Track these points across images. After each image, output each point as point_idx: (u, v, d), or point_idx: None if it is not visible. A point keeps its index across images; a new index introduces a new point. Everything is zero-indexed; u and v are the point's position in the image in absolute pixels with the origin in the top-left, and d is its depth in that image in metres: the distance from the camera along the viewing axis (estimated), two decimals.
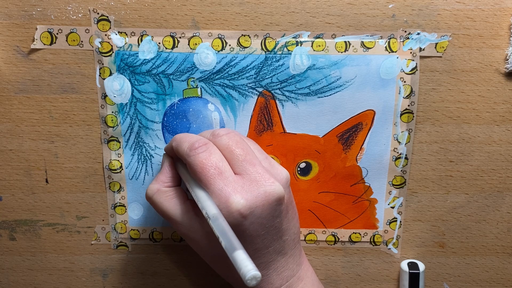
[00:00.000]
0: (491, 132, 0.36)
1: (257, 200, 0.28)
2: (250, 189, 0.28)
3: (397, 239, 0.39)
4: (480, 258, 0.39)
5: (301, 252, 0.34)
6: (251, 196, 0.28)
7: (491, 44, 0.35)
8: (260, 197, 0.28)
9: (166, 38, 0.34)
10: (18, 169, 0.37)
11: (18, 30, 0.34)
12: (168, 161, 0.33)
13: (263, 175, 0.29)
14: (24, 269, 0.39)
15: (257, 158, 0.30)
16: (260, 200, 0.28)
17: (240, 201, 0.27)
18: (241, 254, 0.25)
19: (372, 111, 0.36)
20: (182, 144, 0.30)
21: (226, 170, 0.29)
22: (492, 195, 0.38)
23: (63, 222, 0.38)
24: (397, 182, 0.37)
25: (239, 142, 0.30)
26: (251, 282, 0.23)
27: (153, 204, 0.32)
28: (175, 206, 0.31)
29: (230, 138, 0.30)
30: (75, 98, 0.36)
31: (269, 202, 0.28)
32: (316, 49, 0.35)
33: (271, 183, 0.29)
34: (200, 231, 0.30)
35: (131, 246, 0.39)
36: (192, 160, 0.29)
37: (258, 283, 0.24)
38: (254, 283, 0.24)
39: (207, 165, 0.28)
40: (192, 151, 0.29)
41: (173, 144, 0.31)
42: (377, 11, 0.34)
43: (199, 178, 0.29)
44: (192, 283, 0.40)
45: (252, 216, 0.28)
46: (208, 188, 0.28)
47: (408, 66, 0.35)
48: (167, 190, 0.31)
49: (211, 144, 0.30)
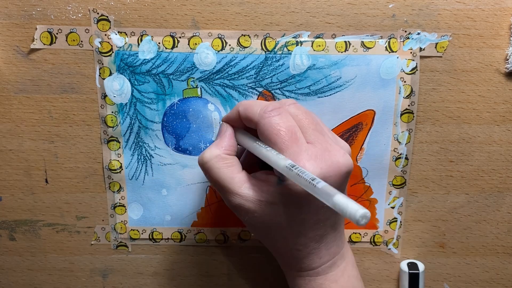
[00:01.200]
0: (492, 132, 0.36)
1: (330, 170, 0.27)
2: (324, 158, 0.27)
3: (397, 239, 0.39)
4: (480, 258, 0.39)
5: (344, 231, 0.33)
6: (325, 165, 0.27)
7: (491, 44, 0.35)
8: (333, 167, 0.27)
9: (166, 38, 0.34)
10: (18, 169, 0.37)
11: (17, 30, 0.34)
12: (229, 129, 0.31)
13: (333, 146, 0.29)
14: (24, 269, 0.39)
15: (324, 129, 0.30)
16: (333, 170, 0.27)
17: (315, 169, 0.27)
18: (341, 197, 0.23)
19: (372, 111, 0.36)
20: (253, 107, 0.29)
21: (301, 137, 0.28)
22: (492, 195, 0.38)
23: (63, 222, 0.38)
24: (397, 182, 0.37)
25: (307, 112, 0.30)
26: (362, 220, 0.22)
27: (208, 170, 0.30)
28: (233, 174, 0.29)
29: (298, 107, 0.30)
30: (75, 98, 0.36)
31: (341, 173, 0.28)
32: (316, 49, 0.35)
33: (343, 154, 0.28)
34: (258, 200, 0.29)
35: (131, 246, 0.39)
36: (267, 122, 0.28)
37: (367, 222, 0.23)
38: (364, 222, 0.22)
39: (282, 128, 0.28)
40: (266, 113, 0.28)
41: (240, 108, 0.30)
42: (377, 11, 0.34)
43: (274, 141, 0.28)
44: (192, 283, 0.40)
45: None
46: (283, 152, 0.27)
47: (408, 66, 0.35)
48: (226, 157, 0.30)
49: (284, 109, 0.29)
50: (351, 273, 0.32)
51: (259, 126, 0.29)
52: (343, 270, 0.32)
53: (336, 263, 0.31)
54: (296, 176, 0.26)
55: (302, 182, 0.25)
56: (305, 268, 0.31)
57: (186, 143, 0.36)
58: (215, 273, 0.40)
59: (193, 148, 0.36)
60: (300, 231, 0.29)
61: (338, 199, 0.23)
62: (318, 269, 0.31)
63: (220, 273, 0.40)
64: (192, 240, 0.39)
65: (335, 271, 0.31)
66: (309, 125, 0.29)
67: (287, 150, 0.27)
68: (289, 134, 0.28)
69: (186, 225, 0.38)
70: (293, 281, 0.32)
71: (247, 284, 0.40)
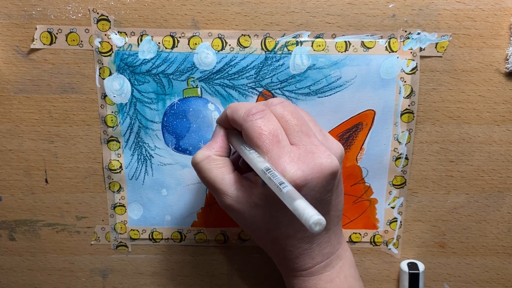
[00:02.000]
0: (492, 132, 0.36)
1: (312, 172, 0.27)
2: (306, 160, 0.27)
3: (398, 239, 0.39)
4: (480, 258, 0.39)
5: (342, 230, 0.33)
6: (307, 167, 0.27)
7: (492, 44, 0.35)
8: (316, 169, 0.27)
9: (166, 38, 0.34)
10: (18, 169, 0.37)
11: (17, 30, 0.34)
12: (221, 131, 0.32)
13: (319, 147, 0.28)
14: (23, 269, 0.39)
15: (312, 129, 0.30)
16: (315, 172, 0.27)
17: (296, 172, 0.26)
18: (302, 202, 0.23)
19: (372, 111, 0.36)
20: (238, 110, 0.29)
21: (283, 139, 0.28)
22: (492, 195, 0.38)
23: (63, 222, 0.38)
24: (398, 182, 0.37)
25: (294, 112, 0.29)
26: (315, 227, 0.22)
27: (200, 171, 0.30)
28: (223, 175, 0.30)
29: (284, 107, 0.29)
30: (74, 98, 0.36)
31: (324, 175, 0.28)
32: (316, 49, 0.35)
33: (327, 156, 0.28)
34: (246, 202, 0.29)
35: (130, 246, 0.39)
36: (250, 126, 0.28)
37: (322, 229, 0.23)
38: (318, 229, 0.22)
39: (264, 132, 0.28)
40: (249, 117, 0.28)
41: (227, 111, 0.30)
42: (377, 11, 0.34)
43: (256, 144, 0.28)
44: (192, 283, 0.40)
45: (306, 188, 0.27)
46: (265, 154, 0.27)
47: (409, 66, 0.35)
48: (217, 158, 0.30)
49: (268, 111, 0.29)
50: (348, 273, 0.32)
51: (243, 129, 0.29)
52: (339, 270, 0.32)
53: (331, 263, 0.31)
54: (268, 180, 0.26)
55: (272, 185, 0.25)
56: (298, 268, 0.31)
57: (186, 143, 0.36)
58: (215, 273, 0.40)
59: (193, 148, 0.36)
60: (288, 232, 0.29)
61: (297, 204, 0.23)
62: (312, 269, 0.31)
63: (220, 273, 0.40)
64: (192, 240, 0.39)
65: (330, 271, 0.31)
66: (294, 126, 0.29)
67: (268, 153, 0.27)
68: (271, 137, 0.28)
69: (186, 225, 0.38)
70: (288, 281, 0.32)
71: (247, 284, 0.40)
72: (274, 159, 0.27)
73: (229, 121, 0.30)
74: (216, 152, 0.31)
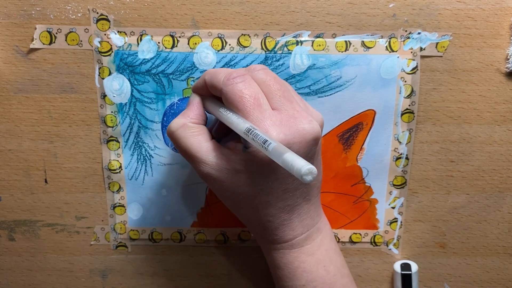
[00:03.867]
0: (492, 132, 0.36)
1: (294, 137, 0.27)
2: (288, 124, 0.27)
3: (398, 240, 0.39)
4: (481, 258, 0.39)
5: (320, 203, 0.33)
6: (289, 131, 0.27)
7: (492, 44, 0.35)
8: (298, 134, 0.27)
9: (165, 37, 0.34)
10: (17, 169, 0.37)
11: (17, 30, 0.34)
12: (196, 99, 0.31)
13: (300, 113, 0.28)
14: (23, 270, 0.39)
15: (293, 96, 0.30)
16: (298, 136, 0.27)
17: (279, 135, 0.26)
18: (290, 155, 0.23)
19: (372, 111, 0.36)
20: (217, 75, 0.29)
21: (264, 103, 0.28)
22: (493, 195, 0.38)
23: (63, 223, 0.38)
24: (398, 182, 0.37)
25: (276, 78, 0.29)
26: (307, 177, 0.22)
27: (176, 139, 0.30)
28: (200, 143, 0.29)
29: (267, 73, 0.29)
30: (74, 98, 0.36)
31: (307, 140, 0.27)
32: (316, 49, 0.34)
33: (309, 121, 0.28)
34: (226, 169, 0.29)
35: (130, 247, 0.39)
36: (230, 89, 0.27)
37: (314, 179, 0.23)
38: (310, 178, 0.22)
39: (245, 95, 0.27)
40: (229, 80, 0.28)
41: (205, 77, 0.30)
42: (377, 10, 0.34)
43: (237, 107, 0.27)
44: (192, 283, 0.40)
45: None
46: (246, 117, 0.27)
47: (409, 66, 0.35)
48: (193, 126, 0.30)
49: (249, 76, 0.28)
50: (328, 246, 0.32)
51: (223, 93, 0.28)
52: (319, 243, 0.31)
53: (311, 236, 0.31)
54: (252, 140, 0.25)
55: (257, 145, 0.25)
56: (278, 240, 0.30)
57: None
58: (215, 273, 0.40)
59: None
60: (269, 200, 0.29)
61: (286, 157, 0.23)
62: (292, 241, 0.30)
63: (220, 273, 0.40)
64: (192, 240, 0.39)
65: (311, 244, 0.31)
66: (276, 91, 0.28)
67: (250, 116, 0.27)
68: (252, 99, 0.27)
69: (186, 225, 0.38)
70: (269, 255, 0.32)
71: (247, 284, 0.40)
72: (256, 122, 0.27)
73: (207, 87, 0.30)
74: (191, 120, 0.30)
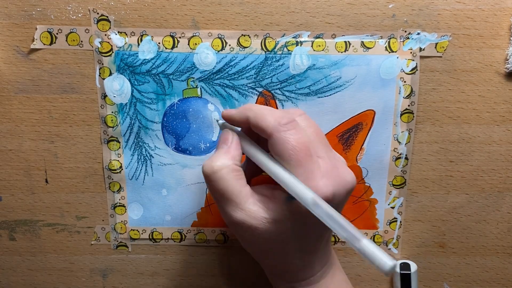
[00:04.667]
0: (491, 132, 0.36)
1: (339, 187, 0.27)
2: (333, 175, 0.27)
3: (397, 239, 0.39)
4: (480, 258, 0.39)
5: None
6: (335, 182, 0.27)
7: (491, 44, 0.35)
8: (341, 184, 0.27)
9: (166, 38, 0.34)
10: (18, 169, 0.37)
11: (18, 30, 0.34)
12: (235, 138, 0.29)
13: (339, 161, 0.28)
14: (24, 269, 0.39)
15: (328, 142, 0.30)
16: (341, 187, 0.27)
17: (328, 187, 0.26)
18: (369, 243, 0.23)
19: (372, 111, 0.36)
20: (266, 117, 0.27)
21: (314, 153, 0.27)
22: (492, 195, 0.38)
23: (63, 222, 0.38)
24: (397, 182, 0.37)
25: (315, 125, 0.29)
26: (390, 272, 0.23)
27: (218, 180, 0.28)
28: (241, 187, 0.28)
29: (306, 119, 0.29)
30: (75, 98, 0.36)
31: (347, 190, 0.28)
32: (316, 49, 0.35)
33: (349, 171, 0.28)
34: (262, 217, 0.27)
35: (131, 246, 0.39)
36: (282, 137, 0.26)
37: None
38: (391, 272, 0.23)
39: (298, 144, 0.26)
40: (282, 127, 0.27)
41: (249, 114, 0.28)
42: (377, 11, 0.34)
43: (288, 157, 0.26)
44: (192, 283, 0.40)
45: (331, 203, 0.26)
46: (298, 168, 0.26)
47: (408, 66, 0.35)
48: (237, 168, 0.28)
49: (297, 123, 0.28)
50: (339, 278, 0.32)
51: (273, 139, 0.27)
52: (332, 276, 0.32)
53: (326, 270, 0.31)
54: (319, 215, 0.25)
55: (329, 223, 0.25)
56: (297, 279, 0.31)
57: (186, 143, 0.36)
58: (215, 273, 0.40)
59: (193, 148, 0.36)
60: (301, 246, 0.29)
61: (365, 245, 0.24)
62: (310, 279, 0.31)
63: (220, 273, 0.40)
64: (192, 240, 0.39)
65: (325, 278, 0.31)
66: (318, 139, 0.28)
67: (301, 168, 0.26)
68: (304, 150, 0.27)
69: (186, 225, 0.38)
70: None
71: (247, 284, 0.40)
72: (307, 174, 0.26)
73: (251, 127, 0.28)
74: (235, 161, 0.29)
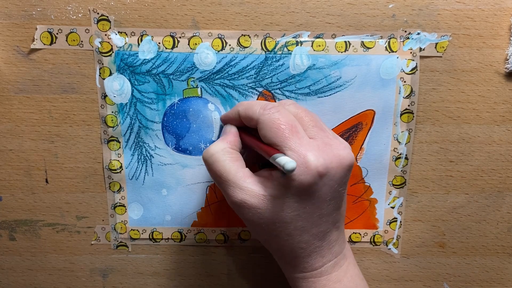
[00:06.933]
0: (491, 132, 0.36)
1: (332, 162, 0.28)
2: (325, 150, 0.28)
3: (397, 239, 0.39)
4: (480, 258, 0.39)
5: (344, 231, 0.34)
6: (327, 156, 0.28)
7: (491, 44, 0.35)
8: (335, 159, 0.28)
9: (166, 38, 0.34)
10: (18, 169, 0.37)
11: (18, 30, 0.34)
12: (233, 128, 0.32)
13: (334, 140, 0.29)
14: (24, 269, 0.39)
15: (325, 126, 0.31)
16: (335, 161, 0.28)
17: (319, 159, 0.27)
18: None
19: (372, 111, 0.36)
20: (252, 106, 0.30)
21: (301, 131, 0.29)
22: (492, 195, 0.38)
23: (63, 222, 0.38)
24: (397, 182, 0.37)
25: (307, 111, 0.31)
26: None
27: (214, 162, 0.30)
28: (237, 168, 0.29)
29: (297, 107, 0.31)
30: (75, 98, 0.36)
31: (343, 166, 0.28)
32: (316, 49, 0.35)
33: (344, 147, 0.29)
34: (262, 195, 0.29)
35: (131, 246, 0.39)
36: (267, 118, 0.29)
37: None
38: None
39: (282, 123, 0.28)
40: (266, 111, 0.29)
41: (239, 108, 0.31)
42: (377, 11, 0.34)
43: (274, 135, 0.28)
44: (192, 283, 0.40)
45: (327, 177, 0.28)
46: (284, 145, 0.28)
47: (408, 66, 0.35)
48: (232, 151, 0.31)
49: (283, 107, 0.30)
50: (353, 272, 0.32)
51: (260, 122, 0.29)
52: (345, 269, 0.32)
53: (339, 263, 0.31)
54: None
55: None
56: (308, 268, 0.31)
57: (186, 143, 0.36)
58: (215, 273, 0.40)
59: (193, 148, 0.36)
60: (304, 226, 0.29)
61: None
62: (321, 269, 0.31)
63: (220, 273, 0.40)
64: (192, 240, 0.39)
65: (338, 271, 0.31)
66: (310, 122, 0.30)
67: (288, 143, 0.28)
68: (289, 127, 0.28)
69: (186, 225, 0.38)
70: (296, 285, 0.32)
71: (247, 284, 0.40)
72: (295, 148, 0.27)
73: (241, 119, 0.31)
74: (231, 145, 0.31)
